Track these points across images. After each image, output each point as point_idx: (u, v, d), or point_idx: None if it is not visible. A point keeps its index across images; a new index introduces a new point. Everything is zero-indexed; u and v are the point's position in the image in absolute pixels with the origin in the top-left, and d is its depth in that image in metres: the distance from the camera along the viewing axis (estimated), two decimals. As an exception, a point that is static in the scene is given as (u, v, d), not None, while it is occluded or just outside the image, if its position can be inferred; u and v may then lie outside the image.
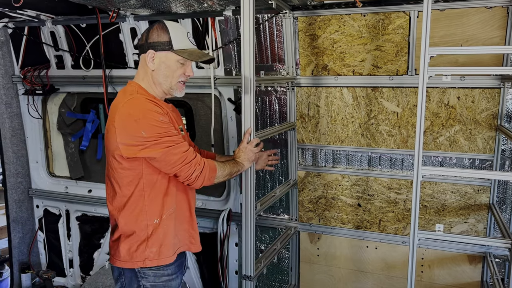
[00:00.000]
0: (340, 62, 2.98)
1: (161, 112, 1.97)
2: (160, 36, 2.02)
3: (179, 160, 1.98)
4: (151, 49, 2.02)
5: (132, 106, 1.95)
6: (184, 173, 2.01)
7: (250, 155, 2.29)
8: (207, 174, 2.06)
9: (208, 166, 2.07)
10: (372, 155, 3.09)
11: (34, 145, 4.06)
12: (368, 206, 3.15)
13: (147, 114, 1.93)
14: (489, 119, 2.75)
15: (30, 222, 4.17)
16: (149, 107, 1.96)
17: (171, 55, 2.03)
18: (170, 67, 2.04)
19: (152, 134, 1.92)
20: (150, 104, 1.98)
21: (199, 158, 2.05)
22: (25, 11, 3.18)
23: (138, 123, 1.91)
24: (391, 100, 2.93)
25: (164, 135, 1.95)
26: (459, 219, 2.94)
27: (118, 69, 3.48)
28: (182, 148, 1.99)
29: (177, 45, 2.03)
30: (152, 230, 2.07)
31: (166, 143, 1.94)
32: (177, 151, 1.97)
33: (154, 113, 1.94)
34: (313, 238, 3.36)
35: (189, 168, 2.00)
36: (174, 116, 2.18)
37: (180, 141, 2.00)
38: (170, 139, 1.96)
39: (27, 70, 3.76)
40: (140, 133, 1.91)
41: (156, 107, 1.98)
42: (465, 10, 2.62)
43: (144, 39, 2.05)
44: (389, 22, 2.79)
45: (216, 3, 2.82)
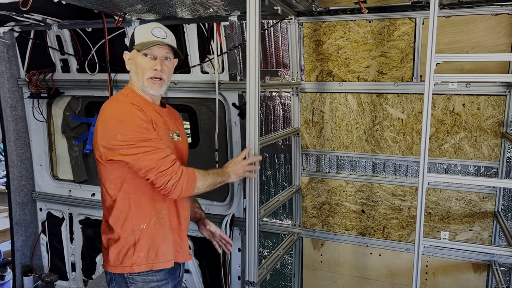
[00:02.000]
0: (345, 68, 2.97)
1: (142, 118, 1.94)
2: (131, 37, 2.11)
3: (154, 167, 1.90)
4: (126, 51, 2.13)
5: (114, 109, 1.97)
6: (159, 181, 1.92)
7: (240, 170, 2.21)
8: (184, 184, 1.95)
9: (187, 175, 1.96)
10: (376, 161, 3.08)
11: (38, 148, 4.07)
12: (372, 212, 3.13)
13: (126, 117, 1.92)
14: (495, 127, 2.73)
15: (33, 225, 4.17)
16: (130, 110, 1.94)
17: (135, 53, 2.06)
18: (138, 64, 2.06)
19: (128, 138, 1.89)
20: (132, 107, 1.96)
21: (177, 167, 1.95)
22: (32, 15, 3.20)
23: (116, 126, 1.91)
24: (396, 107, 2.92)
25: (141, 140, 1.90)
26: (464, 226, 2.92)
27: (123, 73, 3.49)
28: (158, 155, 1.91)
29: (138, 41, 2.05)
30: (139, 235, 2.03)
31: (141, 148, 1.90)
32: (152, 157, 1.90)
33: (135, 117, 1.92)
34: (317, 244, 3.34)
35: (163, 176, 1.91)
36: (168, 120, 2.16)
37: (157, 147, 1.93)
38: (146, 144, 1.91)
39: (33, 74, 3.78)
40: (116, 136, 1.89)
41: (137, 111, 1.95)
42: (471, 17, 2.62)
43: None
44: (394, 29, 2.79)
45: (222, 9, 2.83)
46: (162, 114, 2.15)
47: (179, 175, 1.93)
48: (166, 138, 2.08)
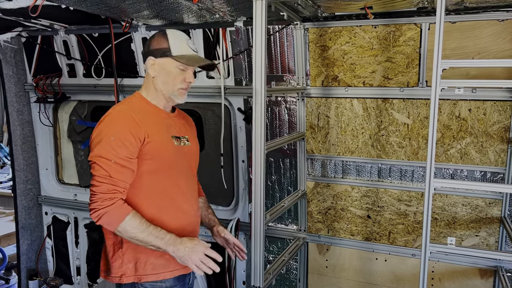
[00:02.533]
0: (351, 73, 2.98)
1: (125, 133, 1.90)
2: (160, 43, 2.03)
3: (93, 180, 1.90)
4: (151, 56, 2.04)
5: (106, 117, 1.98)
6: (90, 197, 1.91)
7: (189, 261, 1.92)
8: (104, 217, 1.86)
9: (113, 211, 1.85)
10: (382, 166, 3.08)
11: (45, 153, 4.09)
12: (378, 217, 3.13)
13: (105, 130, 1.92)
14: (501, 132, 2.73)
15: (39, 229, 4.18)
16: (118, 123, 1.94)
17: (170, 61, 2.02)
18: (170, 74, 2.03)
19: (100, 152, 1.89)
20: (125, 120, 1.94)
21: (108, 198, 1.85)
22: (39, 21, 3.22)
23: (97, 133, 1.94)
24: (401, 112, 2.92)
25: (107, 157, 1.87)
26: (470, 232, 2.91)
27: (129, 78, 3.51)
28: (102, 172, 1.86)
29: (175, 51, 2.02)
30: (126, 246, 2.00)
31: (97, 159, 1.89)
32: (97, 172, 1.88)
33: (111, 131, 1.91)
34: (322, 249, 3.34)
35: (92, 194, 1.89)
36: (174, 124, 2.14)
37: (112, 166, 1.86)
38: (105, 159, 1.87)
39: (40, 78, 3.80)
40: (92, 141, 1.95)
41: (127, 123, 1.92)
42: (477, 23, 2.62)
43: (146, 47, 2.08)
44: (400, 34, 2.80)
45: (228, 14, 2.84)
46: (170, 119, 2.14)
47: (106, 206, 1.86)
48: (167, 141, 2.05)
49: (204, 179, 3.34)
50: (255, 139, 2.41)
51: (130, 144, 1.90)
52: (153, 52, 2.04)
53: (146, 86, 2.10)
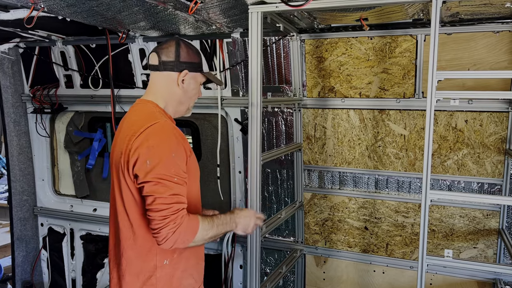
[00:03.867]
0: (347, 84, 2.98)
1: (180, 149, 1.80)
2: (191, 56, 1.94)
3: (158, 203, 1.69)
4: (185, 69, 1.91)
5: (153, 132, 1.77)
6: (153, 224, 1.70)
7: (251, 225, 2.02)
8: (181, 236, 1.70)
9: (187, 226, 1.72)
10: (379, 177, 3.06)
11: (41, 163, 4.07)
12: (375, 229, 3.11)
13: (162, 145, 1.75)
14: (498, 143, 2.72)
15: (34, 241, 4.15)
16: (172, 138, 1.78)
17: (199, 77, 1.98)
18: (196, 89, 1.99)
19: (161, 165, 1.72)
20: (175, 134, 1.81)
21: (179, 216, 1.69)
22: (37, 32, 3.23)
23: (152, 150, 1.73)
24: (398, 123, 2.92)
25: (170, 175, 1.73)
26: (468, 244, 2.89)
27: (126, 88, 3.51)
28: (169, 192, 1.70)
29: (205, 68, 1.99)
30: (160, 272, 1.85)
31: (160, 179, 1.71)
32: (164, 193, 1.70)
33: (170, 147, 1.76)
34: (319, 262, 3.31)
35: (161, 219, 1.68)
36: None
37: (177, 184, 1.73)
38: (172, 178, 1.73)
39: (37, 89, 3.80)
40: (145, 161, 1.72)
41: (177, 138, 1.81)
42: (473, 35, 2.63)
43: (174, 57, 1.90)
44: (396, 45, 2.81)
45: (224, 26, 2.85)
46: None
47: (177, 225, 1.69)
48: (194, 155, 1.96)
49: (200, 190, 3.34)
50: (251, 150, 2.41)
51: (184, 160, 1.80)
52: (188, 65, 1.92)
53: (163, 97, 1.94)
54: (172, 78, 1.92)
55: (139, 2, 2.23)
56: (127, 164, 1.76)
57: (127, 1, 2.22)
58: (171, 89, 1.93)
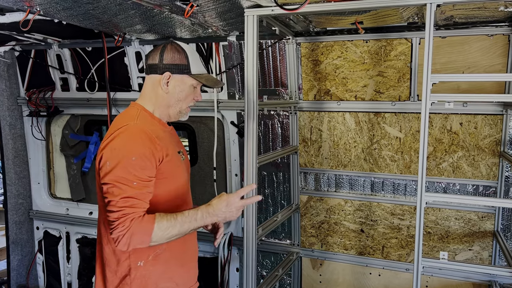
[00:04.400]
0: (343, 87, 3.00)
1: (146, 152, 1.75)
2: (177, 58, 1.90)
3: (111, 205, 1.68)
4: (167, 71, 1.89)
5: (120, 134, 1.77)
6: (108, 225, 1.71)
7: (233, 213, 1.84)
8: (133, 238, 1.66)
9: (138, 228, 1.67)
10: (375, 180, 3.07)
11: (37, 167, 4.06)
12: (371, 232, 3.11)
13: (124, 148, 1.73)
14: (492, 146, 2.74)
15: (30, 244, 4.13)
16: (137, 140, 1.76)
17: (187, 79, 1.92)
18: (184, 91, 1.92)
19: (118, 168, 1.70)
20: (144, 136, 1.77)
21: (128, 219, 1.66)
22: (33, 35, 3.23)
23: (114, 152, 1.73)
24: (393, 126, 2.93)
25: (128, 180, 1.70)
26: (463, 246, 2.90)
27: (122, 92, 3.51)
28: (123, 196, 1.68)
29: (194, 69, 1.92)
30: (135, 274, 1.84)
31: (116, 182, 1.69)
32: (117, 196, 1.68)
33: (132, 150, 1.73)
34: (316, 264, 3.31)
35: (112, 222, 1.67)
36: (173, 139, 2.03)
37: (134, 189, 1.70)
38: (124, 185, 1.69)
39: (32, 92, 3.80)
40: (106, 162, 1.72)
41: (147, 141, 1.77)
42: (467, 38, 2.65)
43: (158, 60, 1.90)
44: (391, 49, 2.82)
45: (221, 29, 2.86)
46: (170, 133, 2.02)
47: (126, 227, 1.65)
48: (176, 158, 1.93)
49: (196, 193, 3.33)
50: (247, 152, 2.41)
51: (151, 164, 1.76)
52: (170, 67, 1.89)
53: (150, 99, 1.94)
54: (156, 80, 1.91)
55: (135, 6, 2.23)
56: (98, 164, 1.79)
57: (123, 5, 2.22)
58: (157, 91, 1.92)
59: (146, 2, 2.20)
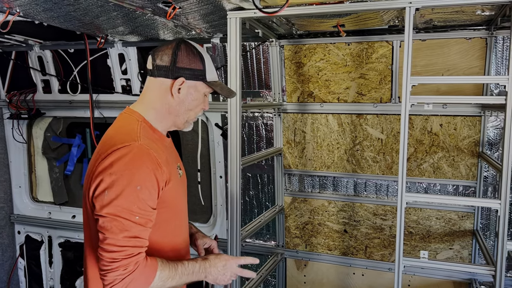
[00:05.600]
0: (325, 89, 3.03)
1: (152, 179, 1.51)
2: (193, 62, 1.64)
3: (109, 243, 1.44)
4: (181, 76, 1.62)
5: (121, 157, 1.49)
6: (101, 264, 1.45)
7: (225, 277, 1.66)
8: (131, 285, 1.43)
9: (140, 275, 1.45)
10: (358, 181, 3.11)
11: (18, 170, 4.00)
12: (354, 232, 3.14)
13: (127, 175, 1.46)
14: (471, 146, 2.80)
15: (11, 249, 4.06)
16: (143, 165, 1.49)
17: (201, 87, 1.66)
18: (197, 100, 1.68)
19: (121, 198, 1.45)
20: (149, 160, 1.51)
21: (132, 262, 1.43)
22: (13, 36, 3.18)
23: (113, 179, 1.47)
24: (375, 127, 2.97)
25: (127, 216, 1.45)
26: (444, 245, 2.95)
27: (105, 94, 3.48)
28: (126, 233, 1.44)
29: (209, 76, 1.67)
30: None
31: (117, 215, 1.44)
32: (118, 234, 1.43)
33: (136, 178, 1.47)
34: (300, 265, 3.33)
35: (109, 262, 1.43)
36: (172, 154, 1.77)
37: (138, 223, 1.46)
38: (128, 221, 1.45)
39: (13, 94, 3.74)
40: (104, 191, 1.46)
41: (152, 166, 1.51)
42: (446, 41, 2.71)
43: (170, 61, 1.63)
44: (372, 51, 2.86)
45: (204, 31, 2.86)
46: (169, 147, 1.76)
47: (129, 272, 1.43)
48: (176, 180, 1.69)
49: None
50: (231, 154, 2.42)
51: (155, 193, 1.53)
52: (185, 71, 1.63)
53: (154, 107, 1.66)
54: (165, 85, 1.63)
55: (117, 7, 2.22)
56: (88, 187, 1.53)
57: (105, 6, 2.21)
58: (164, 99, 1.65)
59: (128, 4, 2.19)
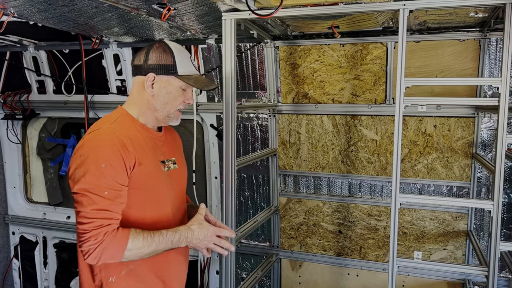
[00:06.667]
0: (320, 90, 3.04)
1: (116, 158, 1.64)
2: (163, 58, 1.77)
3: (81, 216, 1.59)
4: (151, 72, 1.76)
5: (90, 139, 1.68)
6: (77, 237, 1.61)
7: (203, 244, 1.78)
8: (105, 253, 1.57)
9: (112, 243, 1.57)
10: (352, 181, 3.12)
11: (12, 170, 3.98)
12: (349, 232, 3.16)
13: (93, 155, 1.62)
14: (465, 147, 2.81)
15: (5, 250, 4.05)
16: (107, 146, 1.64)
17: (174, 81, 1.78)
18: (171, 94, 1.79)
19: (87, 176, 1.60)
20: (115, 141, 1.66)
21: (101, 232, 1.56)
22: (8, 36, 3.18)
23: (82, 159, 1.63)
24: (370, 128, 2.99)
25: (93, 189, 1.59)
26: (438, 246, 2.97)
27: (100, 94, 3.48)
28: (93, 206, 1.58)
29: (181, 70, 1.79)
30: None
31: (85, 191, 1.59)
32: (87, 207, 1.58)
33: (100, 157, 1.62)
34: (295, 265, 3.33)
35: (81, 233, 1.58)
36: (162, 146, 1.88)
37: (105, 198, 1.59)
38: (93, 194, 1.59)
39: (8, 95, 3.73)
40: (75, 170, 1.62)
41: (118, 146, 1.65)
42: (440, 42, 2.72)
43: (143, 60, 1.78)
44: (367, 53, 2.88)
45: (199, 32, 2.87)
46: (157, 139, 1.87)
47: (98, 242, 1.56)
48: (155, 168, 1.79)
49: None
50: (226, 155, 2.42)
51: (122, 171, 1.65)
52: (155, 67, 1.76)
53: (135, 103, 1.82)
54: (141, 82, 1.80)
55: (111, 8, 2.22)
56: (68, 172, 1.69)
57: (100, 7, 2.21)
58: (141, 94, 1.80)
59: (123, 5, 2.19)
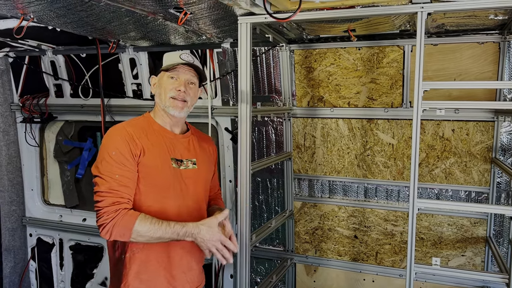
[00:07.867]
0: (336, 94, 3.02)
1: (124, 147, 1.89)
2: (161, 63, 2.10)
3: (97, 195, 1.86)
4: (153, 75, 2.14)
5: (106, 134, 1.97)
6: (96, 213, 1.87)
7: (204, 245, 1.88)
8: (115, 230, 1.80)
9: (121, 221, 1.80)
10: (368, 186, 3.09)
11: (30, 173, 4.04)
12: (364, 238, 3.12)
13: (106, 145, 1.92)
14: (484, 152, 2.76)
15: (23, 251, 4.10)
16: (116, 137, 1.92)
17: (161, 74, 2.06)
18: (162, 85, 2.04)
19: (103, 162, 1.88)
20: (122, 133, 1.92)
21: (112, 209, 1.81)
22: (27, 41, 3.23)
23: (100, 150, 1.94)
24: (386, 132, 2.95)
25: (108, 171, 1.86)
26: (456, 252, 2.91)
27: (116, 98, 3.51)
28: (106, 186, 1.84)
29: (165, 63, 2.06)
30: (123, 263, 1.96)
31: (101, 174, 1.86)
32: (101, 187, 1.85)
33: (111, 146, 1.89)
34: (310, 271, 3.31)
35: (97, 211, 1.84)
36: (180, 146, 2.05)
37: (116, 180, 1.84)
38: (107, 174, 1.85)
39: (26, 98, 3.79)
40: (97, 159, 1.93)
41: (124, 137, 1.91)
42: (458, 45, 2.68)
43: None
44: (383, 56, 2.85)
45: (215, 36, 2.87)
46: (175, 139, 2.05)
47: (111, 219, 1.80)
48: (162, 162, 1.96)
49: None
50: (241, 159, 2.42)
51: (131, 158, 1.90)
52: (155, 72, 2.15)
53: (155, 106, 2.11)
54: None
55: (128, 13, 2.24)
56: None
57: (117, 12, 2.23)
58: (155, 97, 2.12)
59: (140, 10, 2.21)
